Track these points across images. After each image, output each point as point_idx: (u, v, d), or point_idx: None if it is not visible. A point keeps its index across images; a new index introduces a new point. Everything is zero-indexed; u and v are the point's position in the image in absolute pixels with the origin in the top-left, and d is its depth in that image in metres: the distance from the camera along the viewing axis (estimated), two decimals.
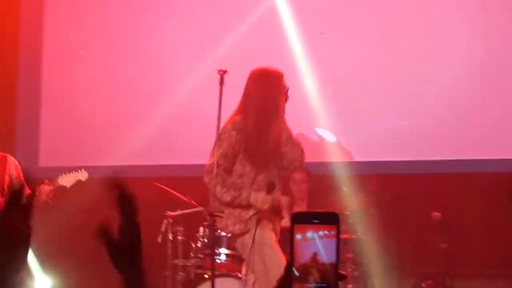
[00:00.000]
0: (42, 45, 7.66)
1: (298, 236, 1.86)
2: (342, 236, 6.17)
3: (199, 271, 5.96)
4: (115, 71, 7.42)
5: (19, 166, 5.71)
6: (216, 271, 5.56)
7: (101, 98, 7.40)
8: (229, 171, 5.01)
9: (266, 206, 4.95)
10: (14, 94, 7.68)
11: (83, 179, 5.88)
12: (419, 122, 6.68)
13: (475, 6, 6.83)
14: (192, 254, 6.01)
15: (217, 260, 5.82)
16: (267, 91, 5.07)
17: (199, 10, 7.30)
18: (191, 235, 6.09)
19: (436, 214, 5.94)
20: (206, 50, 7.04)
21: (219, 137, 4.99)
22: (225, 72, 5.18)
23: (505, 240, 6.45)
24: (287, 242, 1.90)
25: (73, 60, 7.54)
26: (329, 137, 6.89)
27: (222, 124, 5.08)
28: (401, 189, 6.51)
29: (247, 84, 5.15)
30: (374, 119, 6.83)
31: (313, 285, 1.83)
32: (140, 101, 7.31)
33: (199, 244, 5.93)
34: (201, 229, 5.94)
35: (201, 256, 5.91)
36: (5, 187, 5.56)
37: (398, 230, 6.52)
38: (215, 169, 4.90)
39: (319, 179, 6.62)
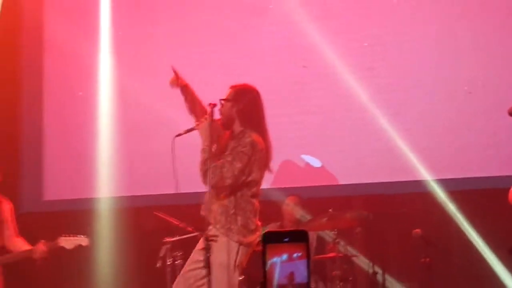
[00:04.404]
0: (42, 83, 7.94)
1: (270, 256, 1.94)
2: (330, 254, 6.50)
3: None
4: (109, 108, 7.72)
5: (12, 211, 6.05)
6: None
7: (97, 133, 7.65)
8: None
9: None
10: (17, 129, 7.98)
11: (84, 244, 5.87)
12: (395, 145, 6.90)
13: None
14: None
15: None
16: None
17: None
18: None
19: (417, 231, 6.22)
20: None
21: None
22: (215, 105, 4.99)
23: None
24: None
25: (72, 98, 7.84)
26: (315, 162, 7.25)
27: None
28: (382, 209, 6.81)
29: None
30: (354, 144, 7.09)
31: None
32: (136, 135, 7.54)
33: None
34: None
35: None
36: None
37: (382, 247, 6.83)
38: None
39: (307, 203, 6.91)
